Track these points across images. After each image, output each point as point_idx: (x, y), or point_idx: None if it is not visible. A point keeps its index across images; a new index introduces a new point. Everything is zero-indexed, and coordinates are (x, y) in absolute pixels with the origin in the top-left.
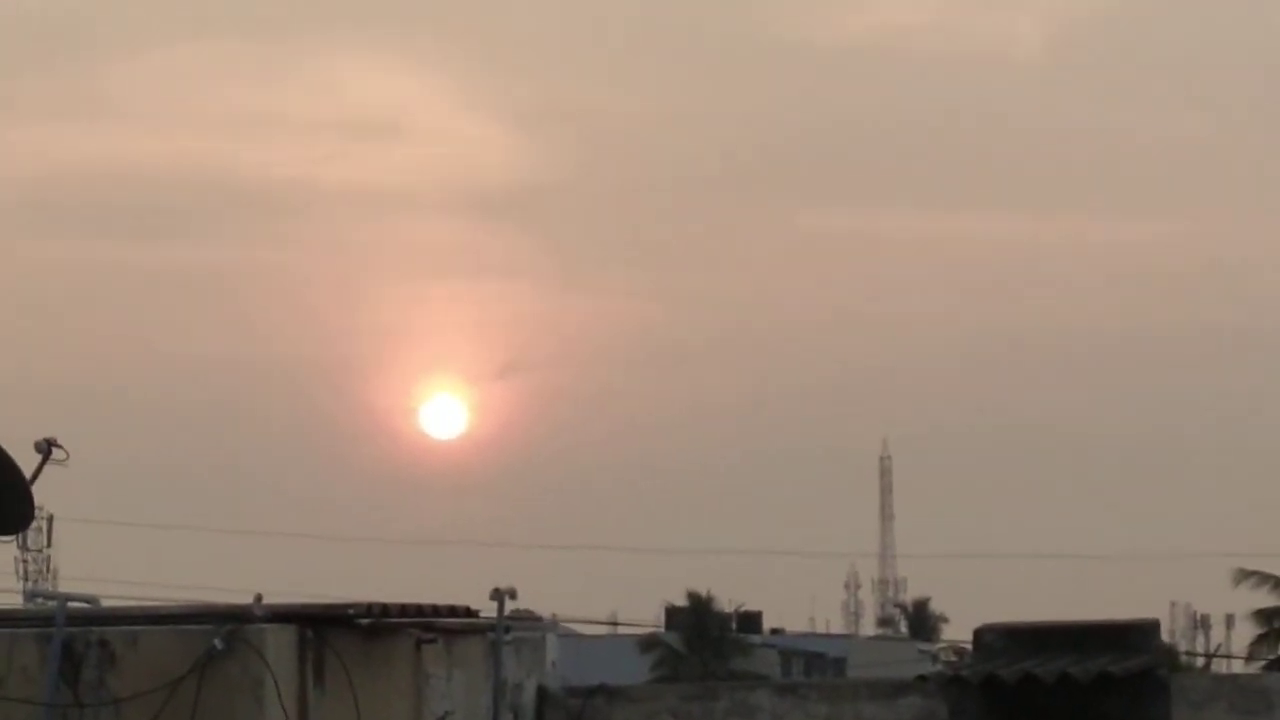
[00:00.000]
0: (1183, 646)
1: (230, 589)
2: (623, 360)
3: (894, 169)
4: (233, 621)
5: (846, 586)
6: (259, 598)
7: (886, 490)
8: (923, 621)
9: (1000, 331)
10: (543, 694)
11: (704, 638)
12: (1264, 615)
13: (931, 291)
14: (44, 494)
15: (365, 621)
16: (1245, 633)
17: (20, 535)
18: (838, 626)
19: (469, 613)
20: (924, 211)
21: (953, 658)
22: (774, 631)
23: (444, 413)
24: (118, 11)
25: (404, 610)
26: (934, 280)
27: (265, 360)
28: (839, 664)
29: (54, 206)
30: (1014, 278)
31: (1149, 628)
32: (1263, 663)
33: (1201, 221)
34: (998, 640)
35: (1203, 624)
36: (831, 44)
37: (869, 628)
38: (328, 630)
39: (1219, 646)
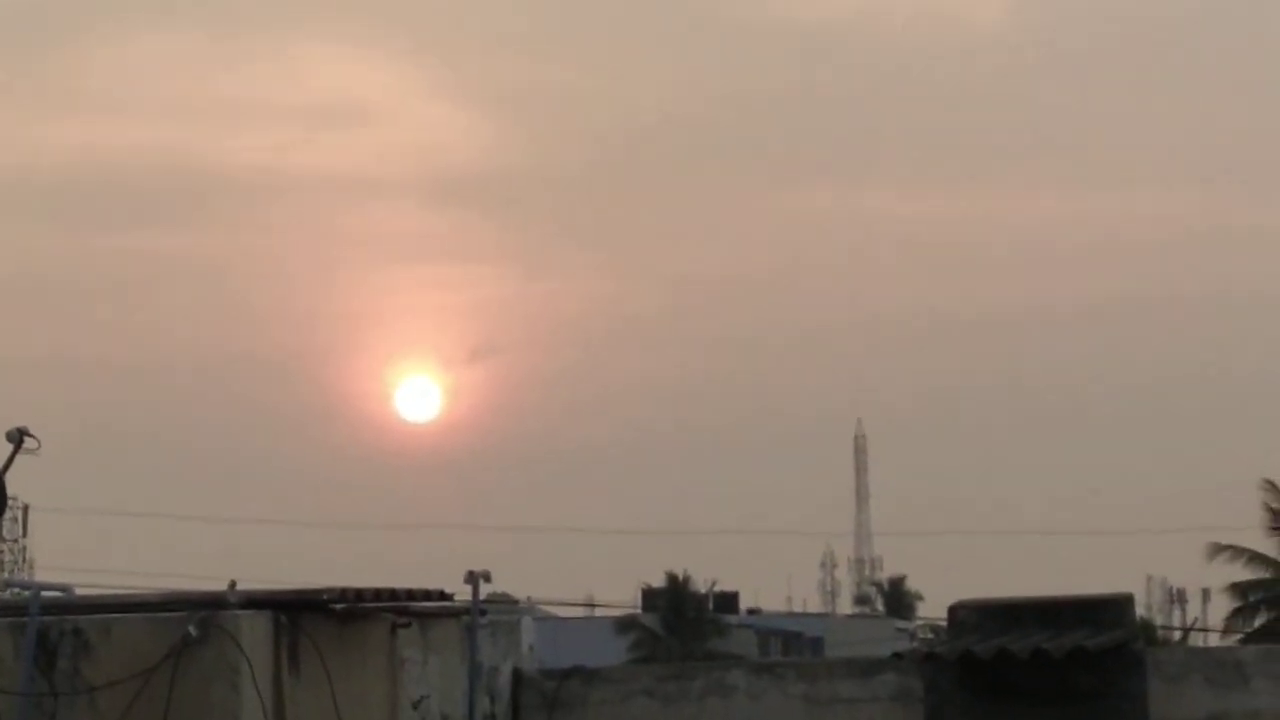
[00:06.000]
0: (1159, 621)
1: (205, 576)
2: (593, 341)
3: (857, 146)
4: (207, 609)
5: (823, 566)
6: (233, 584)
7: (861, 470)
8: (899, 599)
9: (973, 308)
10: (518, 677)
11: (681, 618)
12: (1239, 589)
13: (901, 268)
14: (17, 484)
15: (339, 606)
16: (1221, 606)
17: None
18: (815, 606)
19: (444, 596)
20: (892, 189)
21: (928, 635)
22: (751, 611)
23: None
24: (85, 2)
25: (378, 595)
26: (904, 257)
27: (235, 346)
28: (816, 643)
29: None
30: (985, 254)
31: (1123, 602)
32: (1239, 636)
33: (1172, 195)
34: (972, 617)
35: (1179, 598)
36: (800, 22)
37: (846, 606)
38: (302, 616)
39: (1195, 620)
